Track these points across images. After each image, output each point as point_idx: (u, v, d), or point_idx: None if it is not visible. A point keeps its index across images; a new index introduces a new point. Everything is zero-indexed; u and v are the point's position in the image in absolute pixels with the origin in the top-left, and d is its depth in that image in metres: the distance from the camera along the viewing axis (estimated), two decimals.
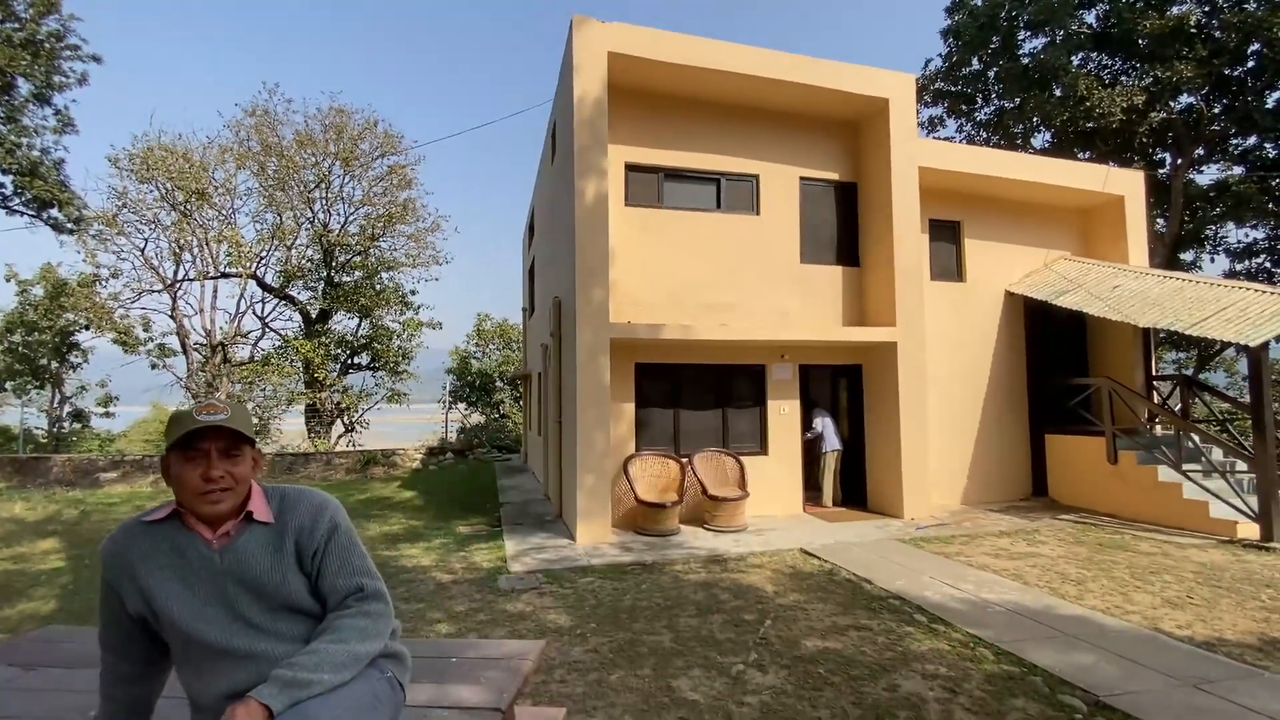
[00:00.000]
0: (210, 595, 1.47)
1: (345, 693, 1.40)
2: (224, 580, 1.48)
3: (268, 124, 18.82)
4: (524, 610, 5.05)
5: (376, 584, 1.60)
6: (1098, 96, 15.01)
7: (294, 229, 19.78)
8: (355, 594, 1.55)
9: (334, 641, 1.45)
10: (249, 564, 1.49)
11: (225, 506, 1.50)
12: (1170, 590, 5.50)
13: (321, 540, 1.56)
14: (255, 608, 1.49)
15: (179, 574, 1.47)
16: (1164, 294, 8.25)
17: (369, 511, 9.37)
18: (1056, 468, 9.50)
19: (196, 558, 1.48)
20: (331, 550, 1.56)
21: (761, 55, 7.99)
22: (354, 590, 1.55)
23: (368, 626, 1.51)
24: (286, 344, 19.93)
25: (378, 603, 1.57)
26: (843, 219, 9.16)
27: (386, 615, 1.58)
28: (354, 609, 1.53)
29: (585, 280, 7.24)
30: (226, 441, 1.50)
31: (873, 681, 3.81)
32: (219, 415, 1.48)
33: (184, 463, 1.48)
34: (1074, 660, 4.06)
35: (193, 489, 1.47)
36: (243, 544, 1.51)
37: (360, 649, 1.47)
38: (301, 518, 1.56)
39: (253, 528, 1.54)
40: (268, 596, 1.50)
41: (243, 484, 1.53)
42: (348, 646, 1.45)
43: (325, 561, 1.55)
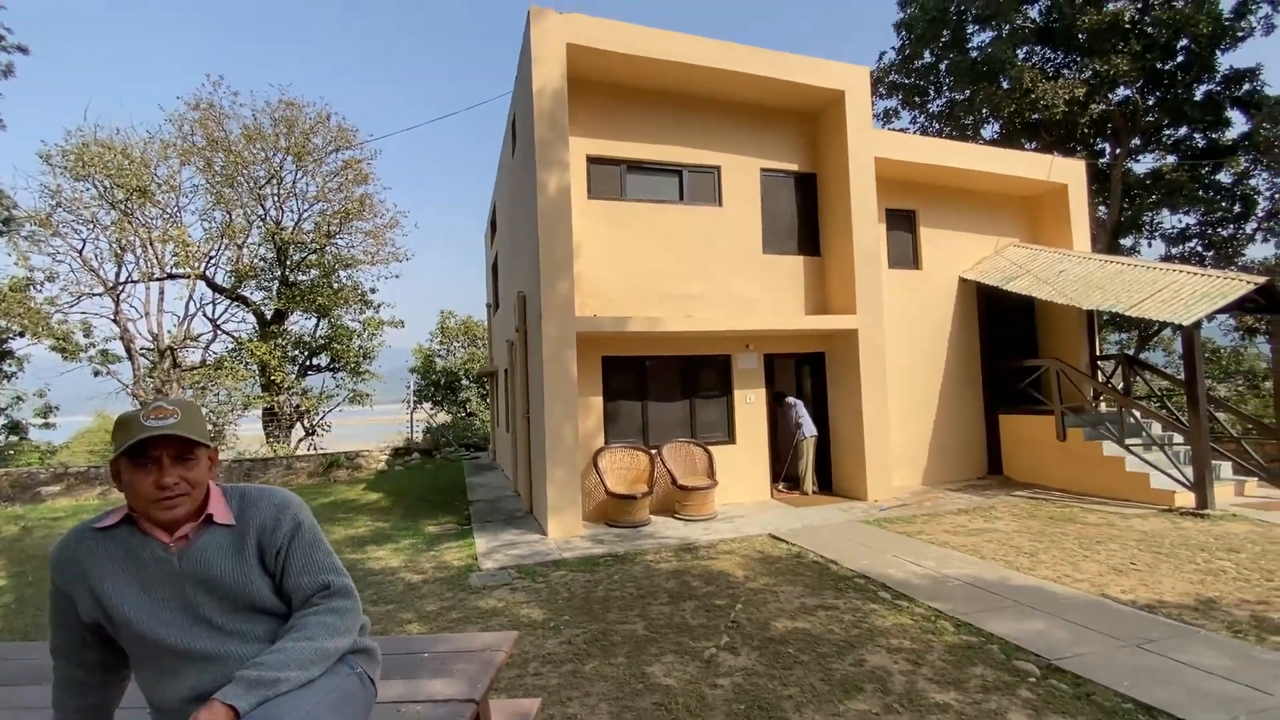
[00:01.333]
0: (169, 598, 1.44)
1: (313, 689, 1.39)
2: (183, 583, 1.45)
3: (213, 118, 18.10)
4: (496, 606, 5.03)
5: (343, 580, 1.58)
6: (1041, 89, 15.58)
7: (245, 227, 19.11)
8: (321, 591, 1.54)
9: (300, 639, 1.44)
10: (209, 566, 1.46)
11: (181, 512, 1.46)
12: (1115, 558, 5.80)
13: (285, 539, 1.53)
14: (217, 609, 1.46)
15: (135, 578, 1.43)
16: (1105, 278, 8.64)
17: (334, 515, 9.16)
18: (1010, 446, 9.89)
19: (153, 561, 1.45)
20: (295, 548, 1.54)
21: (720, 47, 8.04)
22: (320, 587, 1.53)
23: (335, 623, 1.50)
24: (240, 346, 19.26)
25: (345, 599, 1.55)
26: (803, 209, 9.32)
27: (354, 611, 1.57)
28: (321, 606, 1.52)
29: (549, 274, 7.21)
30: (178, 446, 1.45)
31: (840, 658, 3.93)
32: (169, 420, 1.43)
33: (135, 470, 1.43)
34: (1027, 627, 4.26)
35: (146, 497, 1.43)
36: (202, 546, 1.48)
37: (328, 645, 1.46)
38: (263, 517, 1.53)
39: (212, 529, 1.50)
40: (230, 598, 1.47)
41: (199, 487, 1.49)
42: (315, 643, 1.44)
43: (289, 560, 1.53)
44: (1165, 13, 15.60)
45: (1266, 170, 16.33)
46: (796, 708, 3.35)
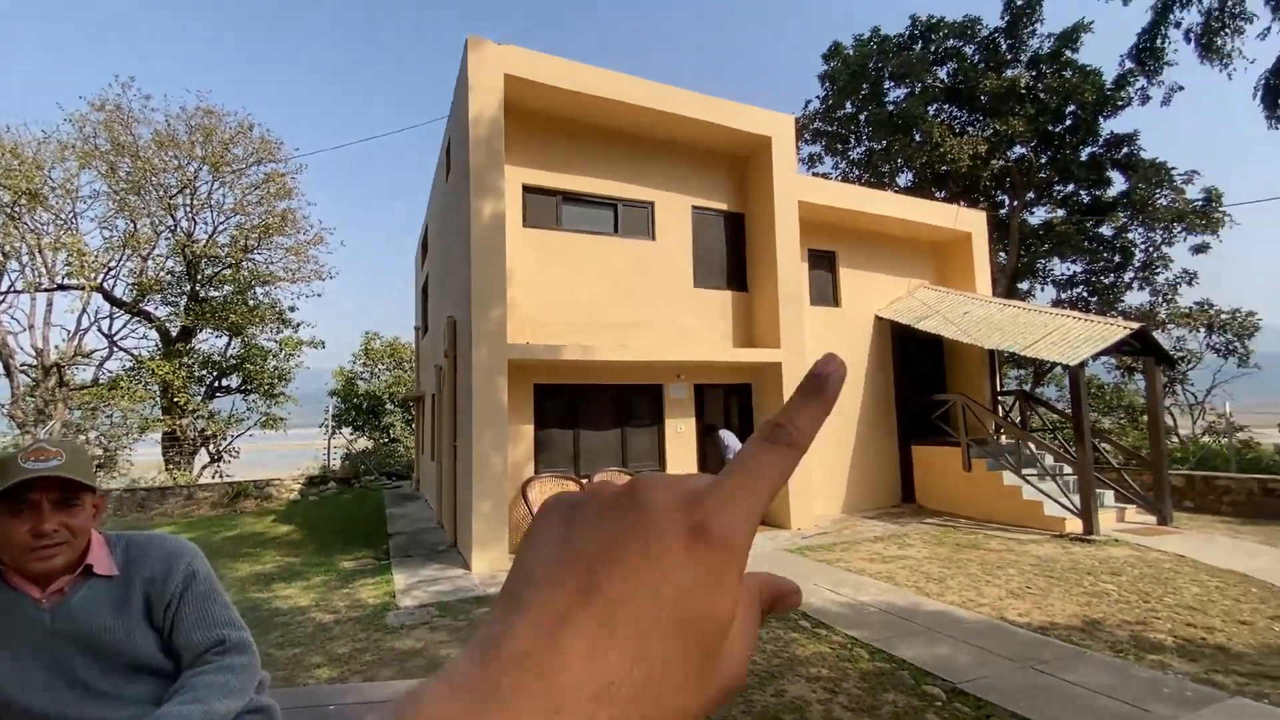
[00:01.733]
0: (38, 660, 1.32)
1: None
2: (56, 642, 1.33)
3: (120, 120, 16.94)
4: (415, 647, 4.82)
5: (240, 635, 1.49)
6: (949, 144, 16.94)
7: (151, 237, 17.86)
8: (215, 647, 1.44)
9: (188, 702, 1.34)
10: (87, 622, 1.35)
11: (59, 562, 1.35)
12: (1013, 582, 6.20)
13: (176, 591, 1.44)
14: (95, 671, 1.35)
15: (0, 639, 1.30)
16: (1005, 320, 9.40)
17: (238, 550, 8.54)
18: (921, 475, 10.45)
19: (22, 619, 1.33)
20: (188, 601, 1.45)
21: (655, 89, 8.33)
22: (214, 644, 1.44)
23: (228, 682, 1.41)
24: (140, 365, 17.81)
25: (241, 655, 1.47)
26: (732, 246, 9.67)
27: (251, 668, 1.48)
28: (214, 664, 1.42)
29: (481, 300, 7.13)
30: (60, 491, 1.35)
31: (762, 689, 4.00)
32: (51, 461, 1.33)
33: (8, 516, 1.31)
34: (935, 652, 4.48)
35: (20, 546, 1.31)
36: (79, 601, 1.37)
37: (219, 708, 1.36)
38: (152, 568, 1.43)
39: (92, 582, 1.40)
40: (110, 657, 1.37)
41: (80, 536, 1.38)
42: (204, 706, 1.34)
43: (180, 614, 1.43)
44: (1055, 81, 17.40)
45: (1142, 226, 18.30)
46: None
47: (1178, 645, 4.58)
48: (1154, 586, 5.97)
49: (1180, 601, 5.53)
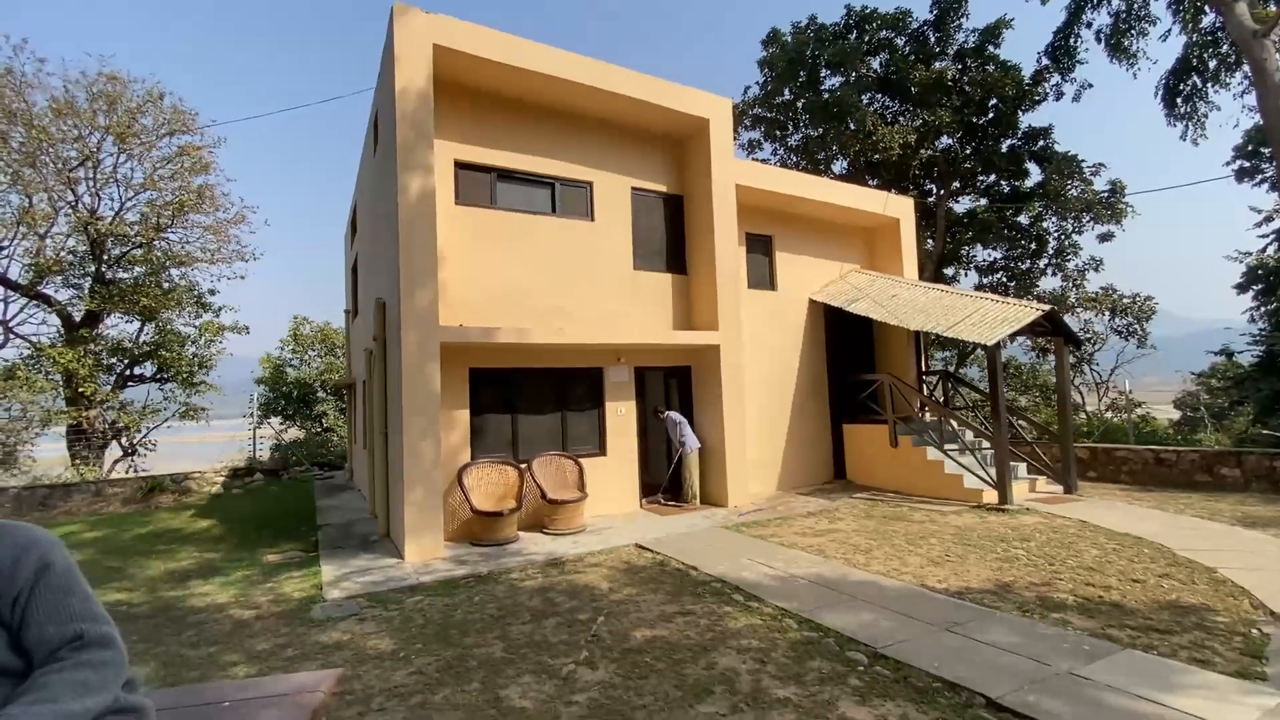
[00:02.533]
0: None
1: None
2: None
3: (11, 86, 15.35)
4: (340, 640, 4.66)
5: (101, 629, 1.38)
6: (881, 133, 17.46)
7: (49, 214, 16.34)
8: (72, 643, 1.33)
9: (37, 701, 1.24)
10: None
11: None
12: (934, 551, 6.54)
13: (26, 584, 1.32)
14: None
15: None
16: (928, 302, 9.81)
17: (151, 547, 8.02)
18: (852, 452, 10.86)
19: None
20: (40, 594, 1.33)
21: (589, 65, 8.18)
22: (70, 639, 1.33)
23: (86, 679, 1.30)
24: (39, 353, 16.38)
25: (103, 650, 1.36)
26: (671, 229, 9.68)
27: (114, 665, 1.37)
28: (69, 661, 1.32)
29: (410, 281, 6.88)
30: None
31: (694, 663, 4.07)
32: None
33: None
34: (859, 619, 4.68)
35: None
36: None
37: (73, 708, 1.26)
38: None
39: None
40: None
41: None
42: (55, 706, 1.24)
43: (32, 608, 1.32)
44: (979, 75, 18.16)
45: (1055, 215, 19.43)
46: (648, 716, 3.42)
47: (1078, 604, 4.94)
48: (1059, 550, 6.42)
49: (1081, 563, 5.96)
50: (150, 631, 5.00)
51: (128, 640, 4.35)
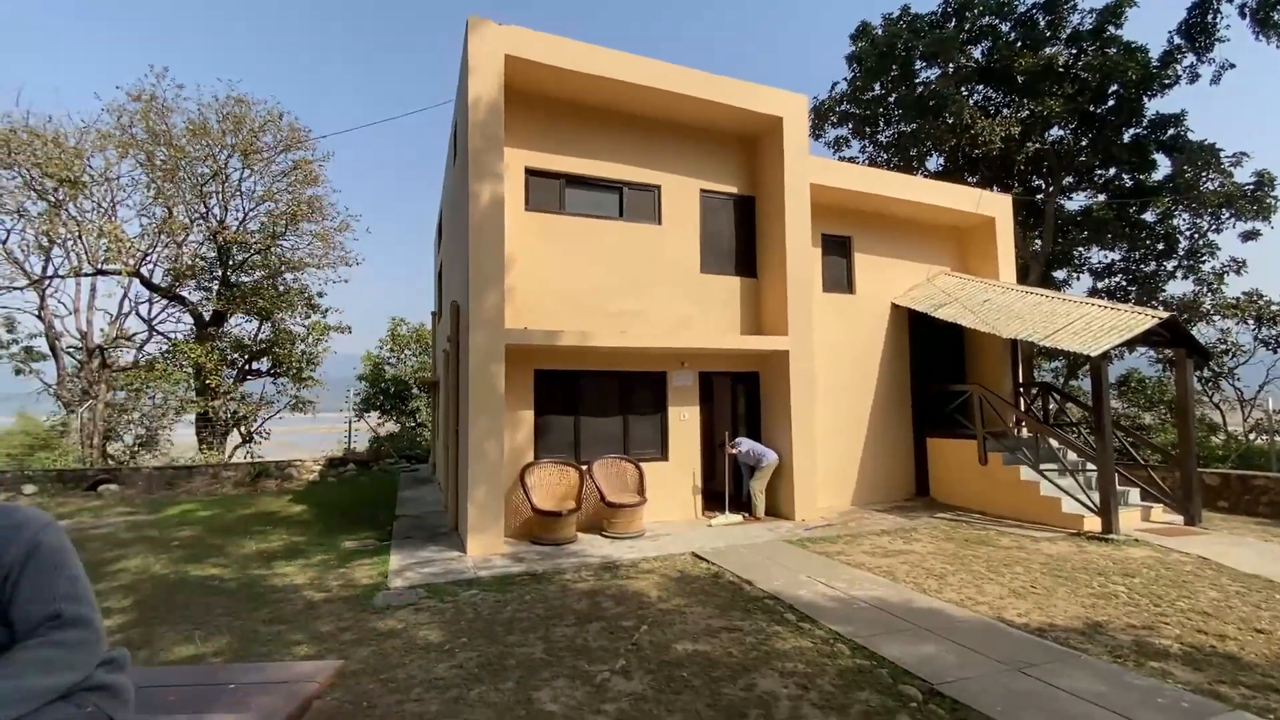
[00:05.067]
0: None
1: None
2: None
3: (155, 110, 17.42)
4: (394, 628, 4.86)
5: (79, 610, 1.46)
6: (980, 126, 16.26)
7: (185, 224, 18.39)
8: (50, 621, 1.41)
9: (2, 678, 1.31)
10: None
11: None
12: (1018, 581, 5.95)
13: (15, 562, 1.41)
14: None
15: None
16: (1025, 308, 8.99)
17: (249, 528, 8.77)
18: (936, 469, 10.13)
19: None
20: (28, 573, 1.42)
21: (661, 68, 8.14)
22: (48, 617, 1.41)
23: (55, 658, 1.38)
24: (175, 348, 18.46)
25: (77, 630, 1.43)
26: (741, 231, 9.45)
27: (88, 644, 1.45)
28: (43, 639, 1.39)
29: (479, 284, 7.11)
30: None
31: (732, 682, 3.90)
32: None
33: None
34: (919, 651, 4.31)
35: None
36: None
37: (38, 684, 1.33)
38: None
39: None
40: None
41: None
42: (19, 682, 1.31)
43: (19, 586, 1.41)
44: (1097, 59, 16.51)
45: (1187, 211, 17.33)
46: None
47: (1184, 653, 4.32)
48: (1168, 590, 5.66)
49: (1194, 606, 5.22)
50: (233, 606, 5.43)
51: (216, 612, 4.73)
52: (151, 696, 1.78)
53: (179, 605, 5.51)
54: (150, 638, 4.74)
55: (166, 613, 5.32)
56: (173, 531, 8.66)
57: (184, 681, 1.95)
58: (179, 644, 4.58)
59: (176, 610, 5.37)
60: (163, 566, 6.78)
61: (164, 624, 5.04)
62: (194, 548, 7.62)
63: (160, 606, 5.49)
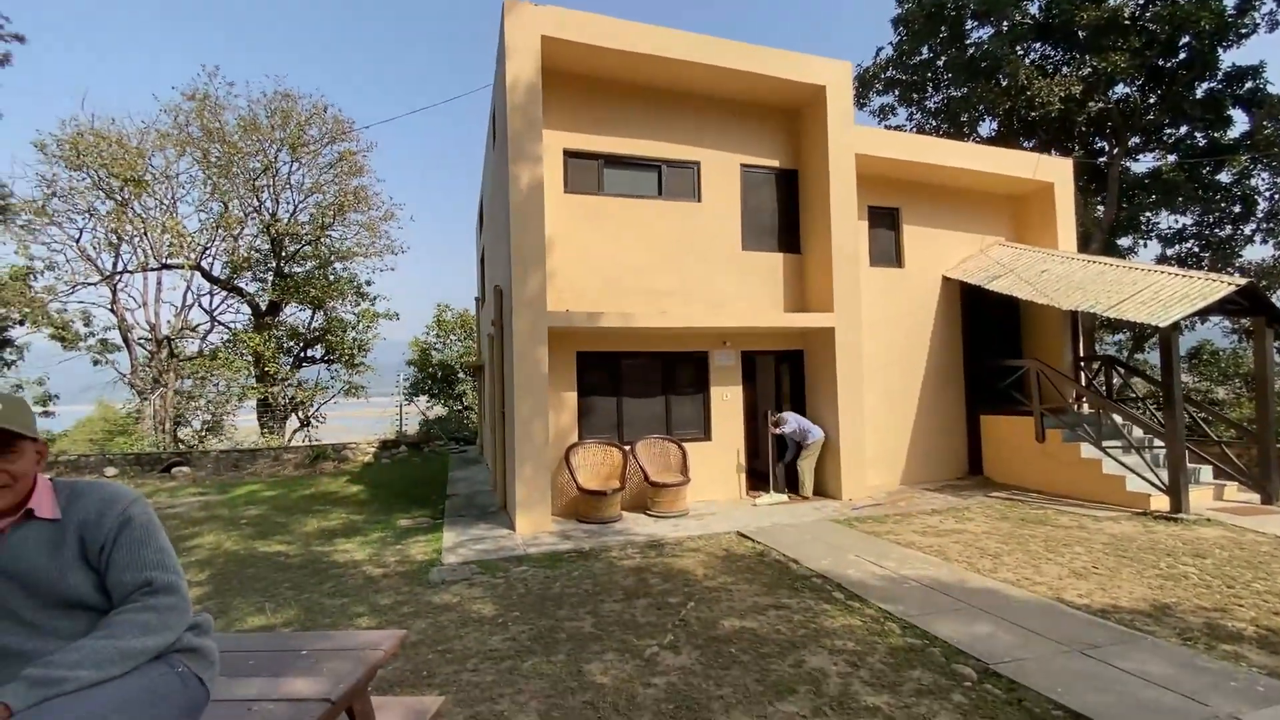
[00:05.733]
0: None
1: (105, 689, 1.38)
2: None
3: (209, 108, 18.11)
4: (450, 601, 5.03)
5: (169, 578, 1.56)
6: (1037, 86, 15.40)
7: (240, 218, 19.17)
8: (142, 588, 1.52)
9: (104, 638, 1.42)
10: (22, 560, 1.45)
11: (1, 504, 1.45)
12: (1079, 561, 5.74)
13: (110, 534, 1.52)
14: (29, 605, 1.45)
15: None
16: (1087, 278, 8.55)
17: (310, 507, 9.20)
18: (991, 447, 9.82)
19: None
20: (121, 544, 1.52)
21: (699, 41, 7.97)
22: (141, 584, 1.52)
23: (149, 621, 1.48)
24: (235, 337, 19.37)
25: (167, 596, 1.53)
26: (784, 206, 9.25)
27: (178, 609, 1.55)
28: (138, 604, 1.50)
29: (520, 268, 7.18)
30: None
31: (780, 658, 3.90)
32: None
33: None
34: (974, 631, 4.22)
35: None
36: (17, 540, 1.47)
37: (134, 644, 1.44)
38: (87, 511, 1.52)
39: (31, 524, 1.49)
40: (43, 593, 1.46)
41: (21, 480, 1.48)
42: (118, 642, 1.42)
43: (114, 555, 1.52)
44: (1166, 8, 15.38)
45: (1267, 170, 16.11)
46: (725, 709, 3.33)
47: (1259, 636, 4.10)
48: (1243, 571, 5.37)
49: (1272, 588, 4.94)
50: (300, 580, 5.72)
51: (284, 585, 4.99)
52: (232, 660, 1.90)
53: (250, 579, 5.84)
54: (226, 608, 5.04)
55: (239, 586, 5.64)
56: (241, 510, 9.15)
57: (261, 647, 2.07)
58: (251, 614, 4.86)
59: (248, 583, 5.70)
60: (234, 543, 7.19)
61: (237, 596, 5.35)
62: (261, 525, 8.04)
63: (233, 580, 5.83)
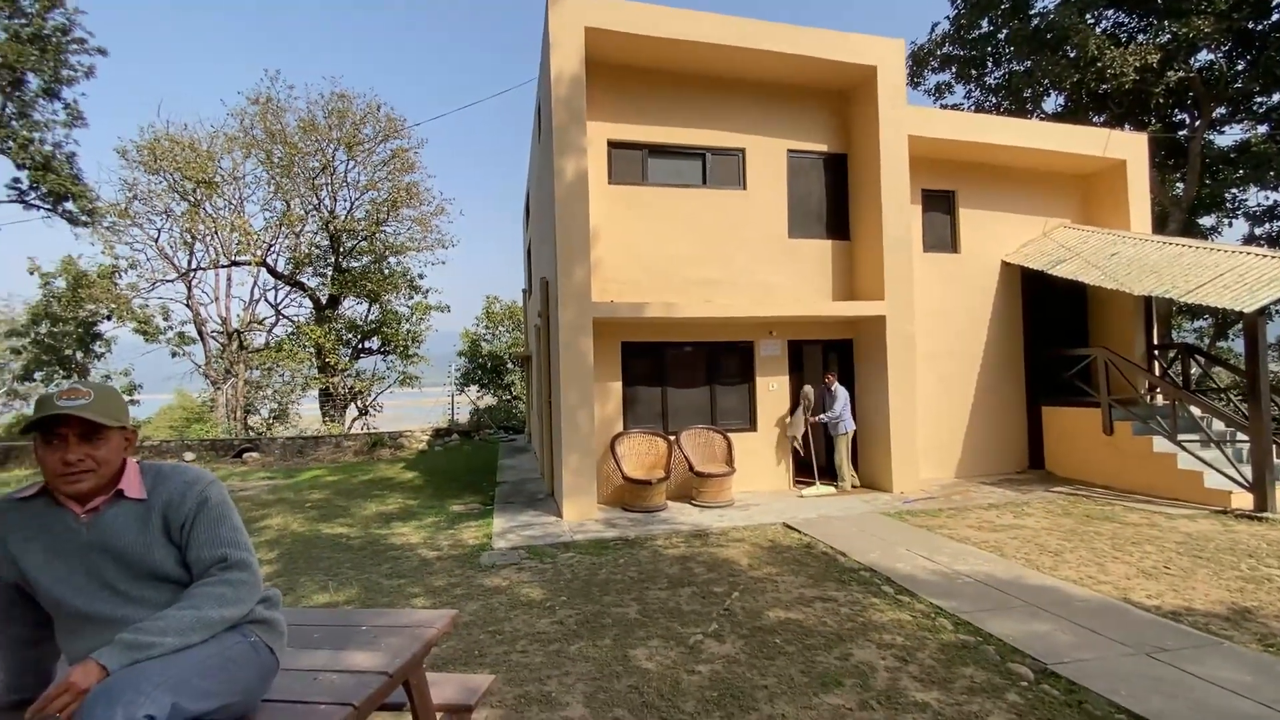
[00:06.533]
0: (76, 564, 1.56)
1: (190, 654, 1.49)
2: (90, 551, 1.57)
3: (271, 111, 18.94)
4: (500, 584, 5.18)
5: (241, 555, 1.68)
6: (1110, 56, 14.45)
7: (301, 216, 20.02)
8: (219, 563, 1.64)
9: (185, 608, 1.54)
10: (115, 536, 1.58)
11: (85, 487, 1.57)
12: (1148, 560, 5.45)
13: (190, 513, 1.64)
14: (122, 577, 1.58)
15: (45, 545, 1.57)
16: (1162, 261, 8.03)
17: (369, 491, 9.60)
18: (1053, 439, 9.38)
19: (63, 531, 1.58)
20: (200, 522, 1.64)
21: (743, 25, 7.84)
22: (217, 560, 1.64)
23: (225, 594, 1.60)
24: (298, 330, 20.30)
25: (240, 572, 1.65)
26: (832, 191, 9.03)
27: (249, 584, 1.66)
28: (215, 578, 1.62)
29: (566, 260, 7.27)
30: (84, 426, 1.56)
31: (826, 650, 3.87)
32: (79, 401, 1.54)
33: (44, 446, 1.55)
34: (1031, 629, 4.08)
35: (52, 471, 1.55)
36: (110, 518, 1.60)
37: (212, 615, 1.56)
38: (170, 492, 1.64)
39: (122, 503, 1.62)
40: (133, 566, 1.59)
41: (106, 465, 1.60)
42: (198, 612, 1.54)
43: (193, 533, 1.64)
44: None
45: None
46: (769, 698, 3.33)
47: None
48: None
49: None
50: (360, 561, 6.00)
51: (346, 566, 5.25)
52: (299, 633, 2.02)
53: (314, 559, 6.16)
54: (294, 585, 5.34)
55: (305, 565, 5.96)
56: (305, 494, 9.64)
57: (325, 622, 2.19)
58: (316, 592, 5.14)
59: (312, 563, 6.01)
60: (299, 525, 7.59)
61: (303, 574, 5.65)
62: (324, 508, 8.46)
63: (299, 559, 6.16)
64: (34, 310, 20.04)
